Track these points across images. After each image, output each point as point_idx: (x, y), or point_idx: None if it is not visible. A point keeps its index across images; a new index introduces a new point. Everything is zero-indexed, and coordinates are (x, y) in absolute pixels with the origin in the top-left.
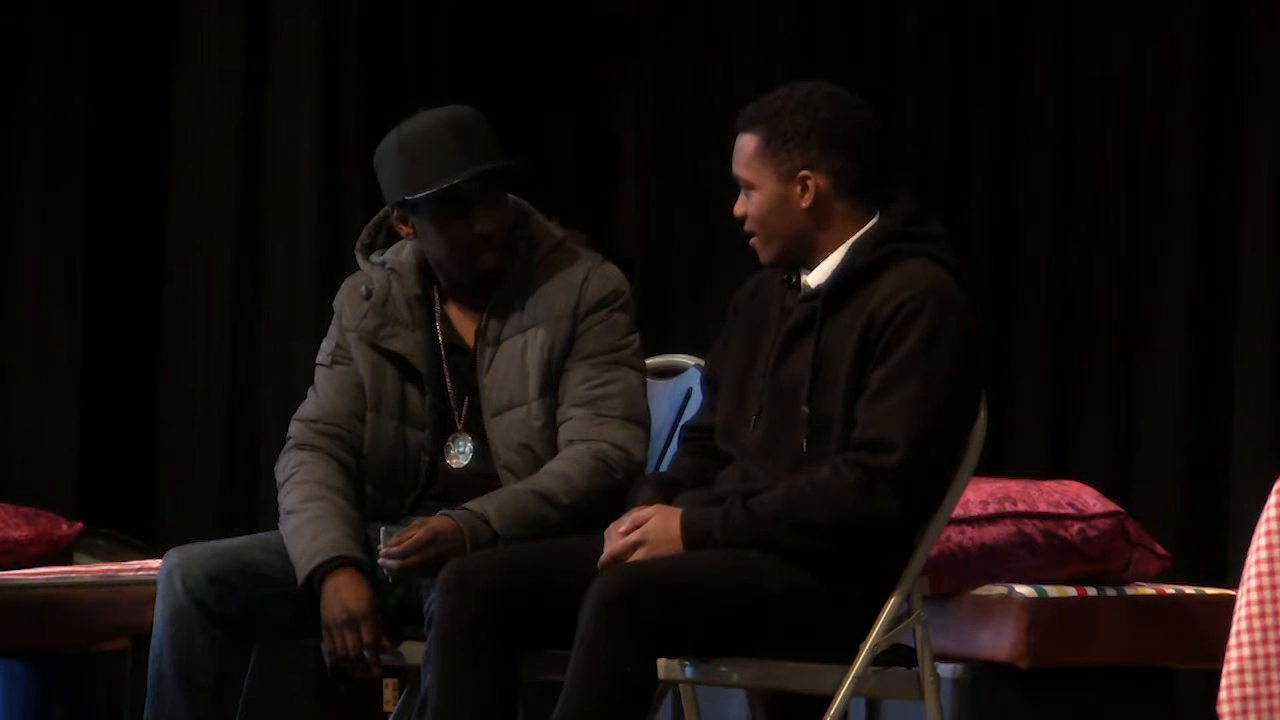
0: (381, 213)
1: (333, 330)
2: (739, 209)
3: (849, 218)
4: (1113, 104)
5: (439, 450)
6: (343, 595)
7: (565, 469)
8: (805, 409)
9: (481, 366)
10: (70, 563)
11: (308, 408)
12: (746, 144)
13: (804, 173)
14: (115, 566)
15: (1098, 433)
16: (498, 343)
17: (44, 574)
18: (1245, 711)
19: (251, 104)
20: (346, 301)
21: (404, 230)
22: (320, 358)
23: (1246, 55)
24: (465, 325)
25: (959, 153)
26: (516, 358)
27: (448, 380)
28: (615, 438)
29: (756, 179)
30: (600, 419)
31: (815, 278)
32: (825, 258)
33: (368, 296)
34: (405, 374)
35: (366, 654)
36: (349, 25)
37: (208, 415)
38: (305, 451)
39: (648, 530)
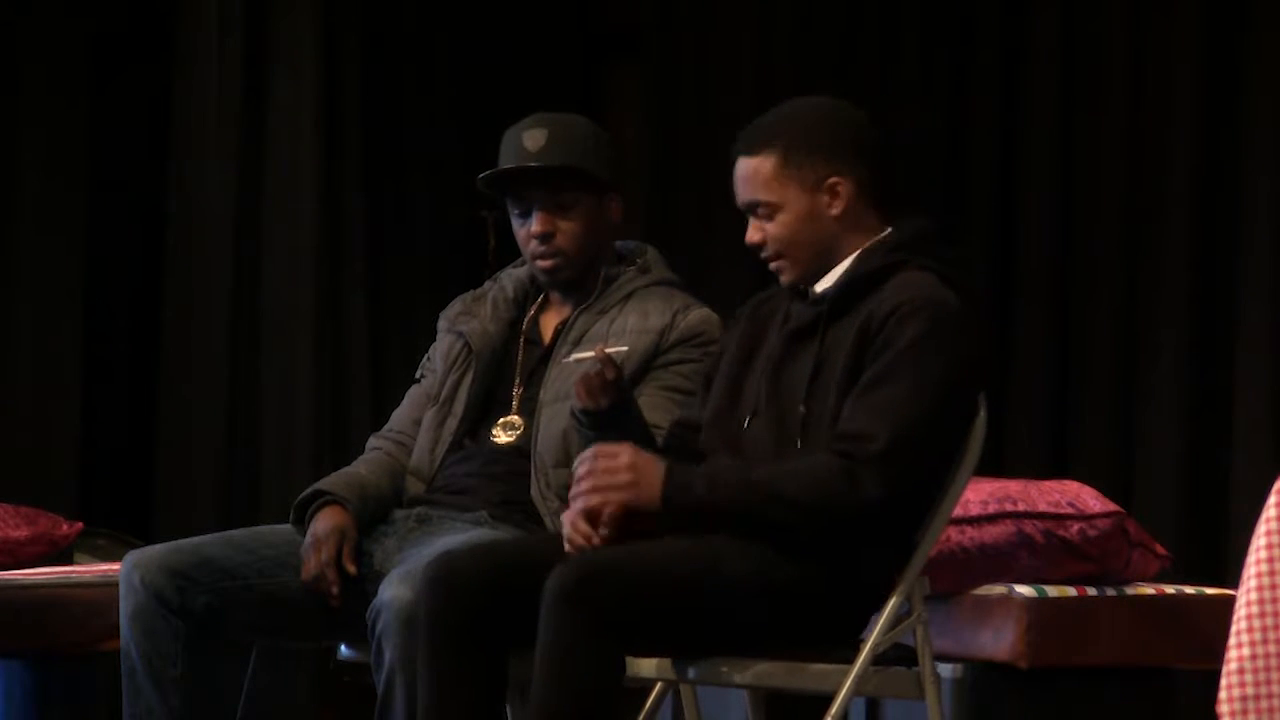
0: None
1: (432, 346)
2: (754, 236)
3: (870, 225)
4: (1113, 105)
5: (475, 429)
6: (315, 524)
7: None
8: (802, 409)
9: (555, 358)
10: (70, 563)
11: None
12: (761, 167)
13: (834, 179)
14: (115, 566)
15: (1098, 433)
16: (578, 342)
17: (44, 574)
18: (1245, 711)
19: (251, 104)
20: (450, 304)
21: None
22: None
23: (1247, 55)
24: (550, 323)
25: (959, 152)
26: (589, 355)
27: (517, 368)
28: None
29: (780, 197)
30: None
31: (822, 284)
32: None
33: (469, 295)
34: (469, 360)
35: (327, 572)
36: (349, 25)
37: (208, 415)
38: (366, 453)
39: (636, 465)
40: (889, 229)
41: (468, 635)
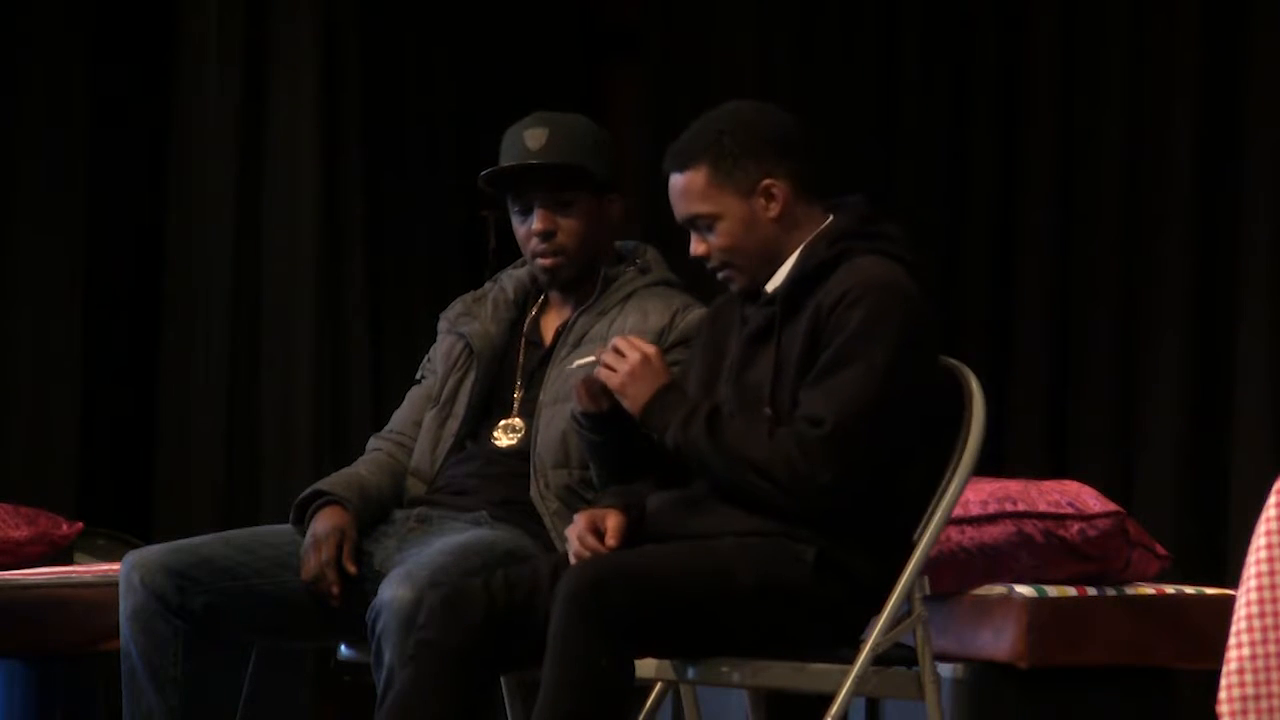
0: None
1: (433, 347)
2: (698, 249)
3: (810, 220)
4: (1113, 105)
5: (476, 430)
6: (315, 524)
7: None
8: (768, 410)
9: (555, 359)
10: (70, 563)
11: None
12: (694, 180)
13: (766, 181)
14: (115, 566)
15: (1098, 433)
16: (578, 343)
17: (44, 574)
18: (1245, 711)
19: (251, 104)
20: (450, 306)
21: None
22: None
23: (1246, 55)
24: (551, 324)
25: (959, 151)
26: (590, 359)
27: (518, 370)
28: None
29: (717, 207)
30: None
31: (772, 283)
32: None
33: (469, 297)
34: (470, 361)
35: (327, 572)
36: (349, 25)
37: (208, 415)
38: (367, 453)
39: (646, 364)
40: (830, 218)
41: (462, 669)
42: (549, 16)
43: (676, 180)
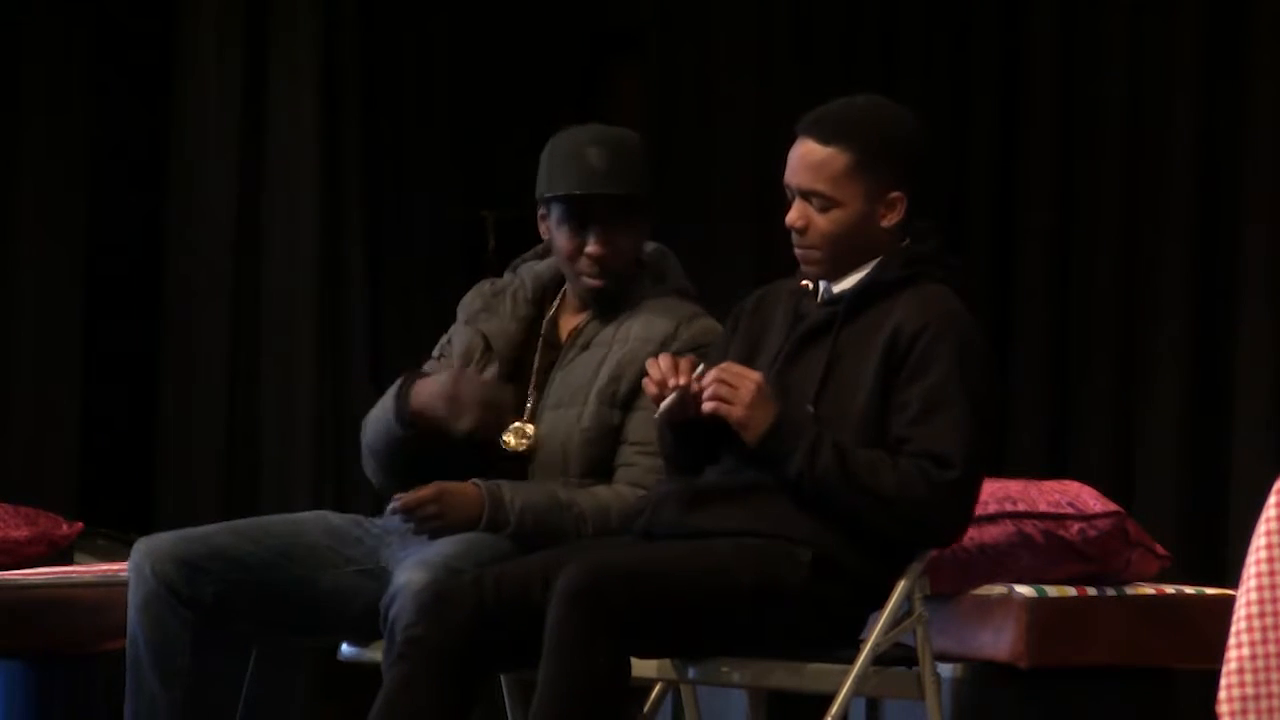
0: (544, 244)
1: (452, 328)
2: (798, 221)
3: (897, 239)
4: (1113, 105)
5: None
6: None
7: (609, 503)
8: (810, 408)
9: (562, 363)
10: (70, 563)
11: None
12: (834, 159)
13: (896, 194)
14: (115, 566)
15: (1098, 433)
16: (586, 346)
17: (44, 574)
18: (1245, 711)
19: (251, 104)
20: (471, 294)
21: (541, 228)
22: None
23: (1247, 55)
24: (568, 326)
25: (959, 151)
26: (594, 364)
27: (533, 372)
28: None
29: (843, 195)
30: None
31: (840, 285)
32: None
33: (488, 287)
34: (487, 358)
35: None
36: (349, 25)
37: (208, 415)
38: None
39: (761, 392)
40: (906, 240)
41: (450, 670)
42: (549, 16)
43: (813, 149)
